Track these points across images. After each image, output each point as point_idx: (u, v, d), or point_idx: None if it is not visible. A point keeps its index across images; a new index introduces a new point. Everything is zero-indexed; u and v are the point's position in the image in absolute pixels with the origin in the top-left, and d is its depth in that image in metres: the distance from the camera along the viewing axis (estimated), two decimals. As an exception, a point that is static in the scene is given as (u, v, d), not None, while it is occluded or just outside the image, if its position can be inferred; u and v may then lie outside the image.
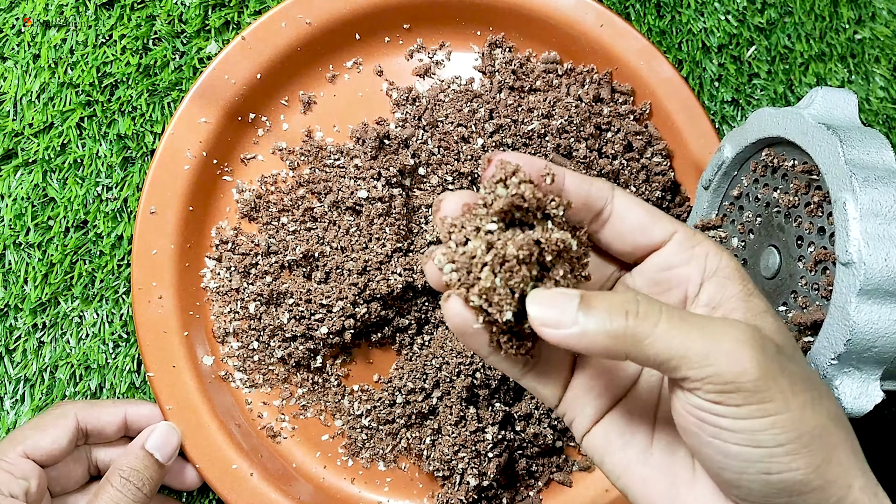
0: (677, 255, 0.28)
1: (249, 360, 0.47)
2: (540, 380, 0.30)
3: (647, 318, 0.24)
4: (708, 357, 0.24)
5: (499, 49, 0.50)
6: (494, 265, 0.25)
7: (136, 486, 0.39)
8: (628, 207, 0.28)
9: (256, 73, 0.47)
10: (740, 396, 0.24)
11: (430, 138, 0.48)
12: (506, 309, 0.26)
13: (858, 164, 0.35)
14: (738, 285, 0.28)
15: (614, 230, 0.29)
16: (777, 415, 0.24)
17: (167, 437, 0.42)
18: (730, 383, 0.24)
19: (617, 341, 0.24)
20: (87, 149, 0.47)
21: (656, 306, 0.25)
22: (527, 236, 0.26)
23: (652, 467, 0.28)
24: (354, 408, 0.48)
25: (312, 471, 0.48)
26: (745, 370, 0.24)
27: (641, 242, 0.29)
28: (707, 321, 0.25)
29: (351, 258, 0.47)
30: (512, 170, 0.26)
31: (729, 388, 0.24)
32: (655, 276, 0.29)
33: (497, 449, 0.47)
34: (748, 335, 0.25)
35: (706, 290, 0.28)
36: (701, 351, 0.24)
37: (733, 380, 0.24)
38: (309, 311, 0.46)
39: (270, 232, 0.48)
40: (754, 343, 0.24)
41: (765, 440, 0.24)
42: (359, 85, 0.50)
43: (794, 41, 0.55)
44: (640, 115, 0.51)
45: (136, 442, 0.41)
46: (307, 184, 0.48)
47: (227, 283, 0.47)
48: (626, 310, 0.25)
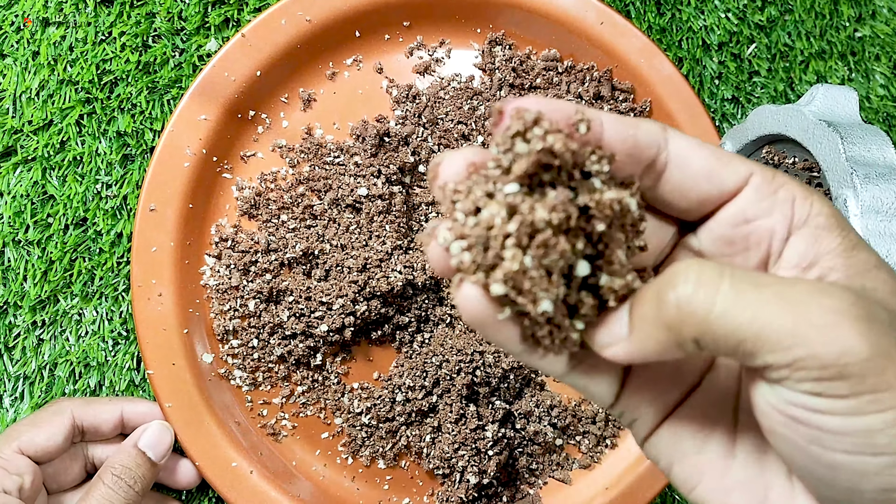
0: (756, 203, 0.22)
1: (249, 357, 0.47)
2: (590, 375, 0.23)
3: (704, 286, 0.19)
4: (795, 334, 0.18)
5: (499, 46, 0.50)
6: (521, 237, 0.19)
7: (127, 484, 0.38)
8: (689, 151, 0.22)
9: (256, 70, 0.47)
10: (846, 384, 0.18)
11: (430, 136, 0.48)
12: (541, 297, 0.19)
13: (859, 161, 0.35)
14: (836, 236, 0.21)
15: (673, 182, 0.22)
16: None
17: (160, 435, 0.42)
18: (829, 367, 0.18)
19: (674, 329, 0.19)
20: (87, 146, 0.47)
21: (716, 269, 0.19)
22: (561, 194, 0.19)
23: (736, 476, 0.22)
24: (354, 406, 0.48)
25: (312, 469, 0.48)
26: (848, 348, 0.18)
27: (709, 193, 0.22)
28: (790, 285, 0.19)
29: (351, 256, 0.47)
30: (533, 118, 0.19)
31: (829, 375, 0.18)
32: (729, 233, 0.22)
33: (497, 447, 0.47)
34: (849, 301, 0.18)
35: (794, 245, 0.22)
36: (784, 327, 0.18)
37: (833, 362, 0.18)
38: (308, 308, 0.46)
39: (270, 229, 0.48)
40: (858, 312, 0.18)
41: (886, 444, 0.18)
42: (359, 82, 0.50)
43: (794, 39, 0.55)
44: (641, 112, 0.51)
45: (129, 440, 0.41)
46: (307, 181, 0.48)
47: (227, 280, 0.47)
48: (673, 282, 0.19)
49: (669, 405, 0.24)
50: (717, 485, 0.22)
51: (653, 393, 0.24)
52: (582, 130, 0.20)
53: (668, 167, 0.22)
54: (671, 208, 0.23)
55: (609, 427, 0.50)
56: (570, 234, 0.19)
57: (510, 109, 0.20)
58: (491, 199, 0.19)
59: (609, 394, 0.24)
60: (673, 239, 0.24)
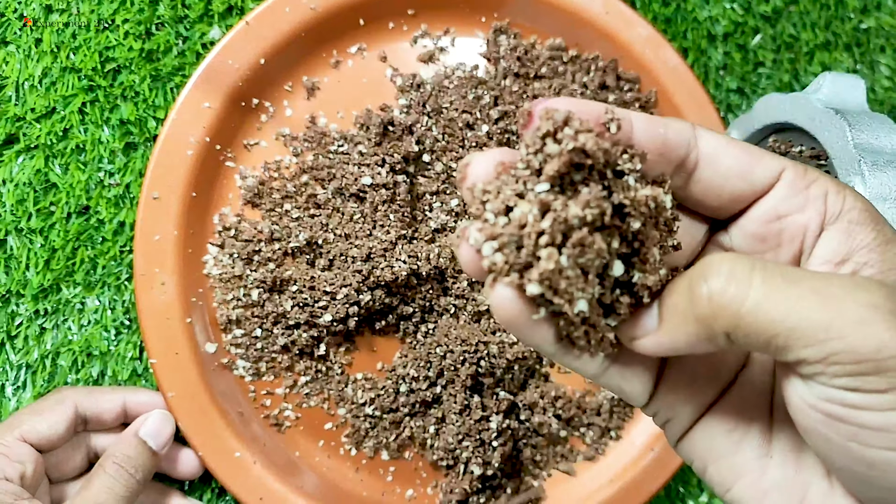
0: (788, 199, 0.22)
1: (252, 347, 0.47)
2: (624, 375, 0.23)
3: (736, 280, 0.19)
4: (830, 328, 0.18)
5: (504, 35, 0.50)
6: (555, 234, 0.18)
7: (128, 473, 0.38)
8: (719, 149, 0.22)
9: (260, 58, 0.47)
10: (884, 379, 0.17)
11: (435, 125, 0.48)
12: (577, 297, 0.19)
13: (867, 149, 0.35)
14: (870, 231, 0.21)
15: (704, 181, 0.22)
16: None
17: (161, 424, 0.41)
18: (866, 361, 0.18)
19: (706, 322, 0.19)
20: (90, 134, 0.47)
21: (748, 264, 0.19)
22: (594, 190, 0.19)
23: (772, 476, 0.22)
24: (358, 396, 0.47)
25: (315, 460, 0.47)
26: (886, 342, 0.17)
27: (741, 191, 0.22)
28: (824, 280, 0.19)
29: (355, 245, 0.46)
30: (563, 118, 0.19)
31: (866, 369, 0.18)
32: (761, 230, 0.22)
33: (502, 438, 0.46)
34: (883, 295, 0.18)
35: (826, 240, 0.22)
36: (819, 321, 0.18)
37: (871, 356, 0.17)
38: (312, 298, 0.46)
39: (273, 219, 0.47)
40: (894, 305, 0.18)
41: None
42: (363, 71, 0.49)
43: (799, 30, 0.55)
44: (646, 102, 0.50)
45: (129, 429, 0.41)
46: (311, 170, 0.48)
47: (230, 269, 0.47)
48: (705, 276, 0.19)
49: (704, 404, 0.23)
50: (753, 486, 0.22)
51: (687, 392, 0.23)
52: (613, 130, 0.20)
53: (699, 166, 0.22)
54: (702, 207, 0.23)
55: (614, 419, 0.49)
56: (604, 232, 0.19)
57: (539, 110, 0.20)
58: (522, 198, 0.19)
59: (643, 393, 0.23)
60: (704, 237, 0.24)
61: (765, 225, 0.22)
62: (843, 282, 0.18)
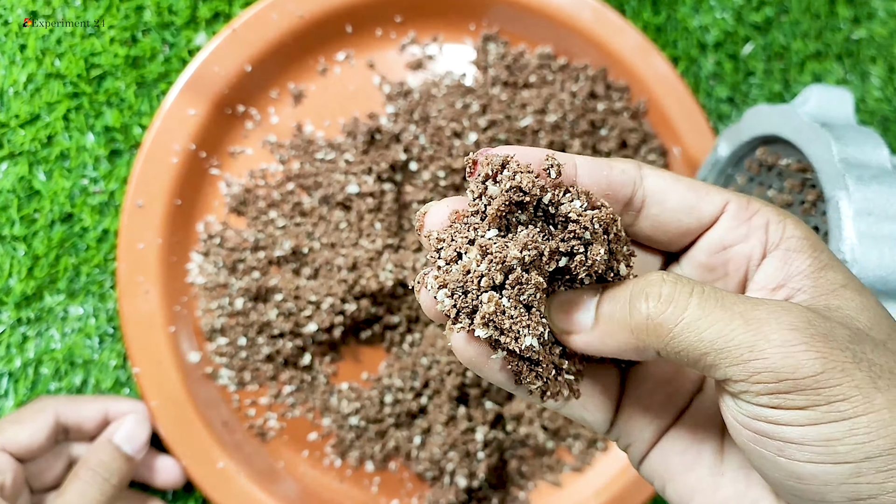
0: (732, 230, 0.23)
1: (236, 357, 0.47)
2: (585, 405, 0.24)
3: (674, 302, 0.20)
4: (753, 349, 0.19)
5: (493, 43, 0.50)
6: (494, 276, 0.20)
7: (103, 478, 0.38)
8: (665, 187, 0.23)
9: (246, 65, 0.46)
10: (802, 397, 0.19)
11: (423, 133, 0.48)
12: (524, 334, 0.20)
13: (852, 163, 0.35)
14: (806, 258, 0.22)
15: (652, 218, 0.23)
16: (856, 417, 0.19)
17: (135, 429, 0.41)
18: (785, 381, 0.19)
19: (639, 335, 0.20)
20: (74, 141, 0.46)
21: (687, 288, 0.20)
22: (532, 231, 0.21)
23: (725, 492, 0.23)
24: (343, 406, 0.47)
25: (300, 470, 0.47)
26: (801, 363, 0.19)
27: (688, 225, 0.23)
28: (752, 304, 0.20)
29: (341, 254, 0.46)
30: (501, 161, 0.21)
31: (786, 387, 0.19)
32: (708, 260, 0.24)
33: (488, 449, 0.46)
34: (804, 319, 0.20)
35: (765, 267, 0.23)
36: (743, 342, 0.19)
37: (789, 375, 0.19)
38: (297, 307, 0.45)
39: (259, 227, 0.47)
40: (814, 330, 0.19)
41: (846, 453, 0.19)
42: (350, 78, 0.49)
43: (790, 40, 0.54)
44: (636, 111, 0.50)
45: (103, 435, 0.41)
46: (296, 178, 0.47)
47: (215, 278, 0.46)
48: (646, 293, 0.20)
49: (661, 428, 0.25)
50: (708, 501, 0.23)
51: (645, 418, 0.25)
52: (552, 175, 0.21)
53: (647, 204, 0.23)
54: (653, 241, 0.24)
55: (600, 429, 0.49)
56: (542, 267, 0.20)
57: (480, 157, 0.21)
58: (472, 245, 0.20)
59: (605, 421, 0.25)
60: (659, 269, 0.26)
61: (712, 256, 0.23)
62: (770, 306, 0.20)
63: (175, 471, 0.44)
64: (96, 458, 0.39)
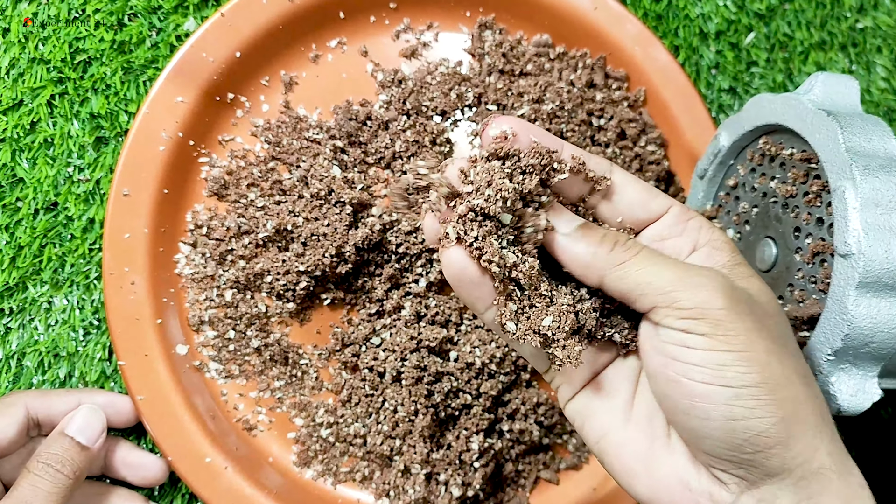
0: (672, 226, 0.29)
1: (225, 349, 0.46)
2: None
3: (629, 249, 0.27)
4: (675, 284, 0.26)
5: (489, 31, 0.49)
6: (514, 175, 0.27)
7: (55, 469, 0.37)
8: (626, 184, 0.29)
9: (236, 51, 0.45)
10: (706, 324, 0.25)
11: (410, 129, 0.46)
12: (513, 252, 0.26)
13: (859, 152, 0.33)
14: (726, 255, 0.29)
15: (614, 205, 0.30)
16: (743, 351, 0.25)
17: (89, 419, 0.40)
18: (695, 308, 0.25)
19: (597, 261, 0.27)
20: (59, 128, 0.45)
21: (638, 245, 0.27)
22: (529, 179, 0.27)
23: (629, 432, 0.29)
24: (318, 415, 0.46)
25: (290, 466, 0.46)
26: (711, 298, 0.25)
27: (640, 217, 0.30)
28: (682, 263, 0.27)
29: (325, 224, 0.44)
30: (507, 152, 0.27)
31: (695, 315, 0.25)
32: (651, 245, 0.30)
33: (483, 458, 0.45)
34: (717, 274, 0.26)
35: (694, 258, 0.29)
36: (670, 279, 0.26)
37: (699, 305, 0.25)
38: (290, 282, 0.44)
39: (239, 210, 0.46)
40: (724, 283, 0.26)
41: (731, 378, 0.25)
42: (343, 65, 0.48)
43: (794, 29, 0.53)
44: (635, 101, 0.49)
45: (57, 428, 0.40)
46: (280, 154, 0.46)
47: (203, 269, 0.45)
48: (615, 240, 0.27)
49: (587, 377, 0.31)
50: (614, 437, 0.29)
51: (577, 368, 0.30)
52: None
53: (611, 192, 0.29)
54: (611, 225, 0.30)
55: (597, 426, 0.48)
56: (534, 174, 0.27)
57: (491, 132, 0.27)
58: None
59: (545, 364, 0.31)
60: None
61: (652, 242, 0.30)
62: (697, 266, 0.27)
63: (155, 467, 0.43)
64: (47, 451, 0.38)
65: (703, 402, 0.25)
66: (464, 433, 0.45)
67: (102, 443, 0.41)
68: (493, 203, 0.26)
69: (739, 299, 0.26)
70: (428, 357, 0.44)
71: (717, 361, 0.25)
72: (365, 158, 0.46)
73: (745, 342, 0.25)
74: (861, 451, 0.51)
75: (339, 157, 0.46)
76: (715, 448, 0.26)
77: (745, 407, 0.25)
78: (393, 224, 0.45)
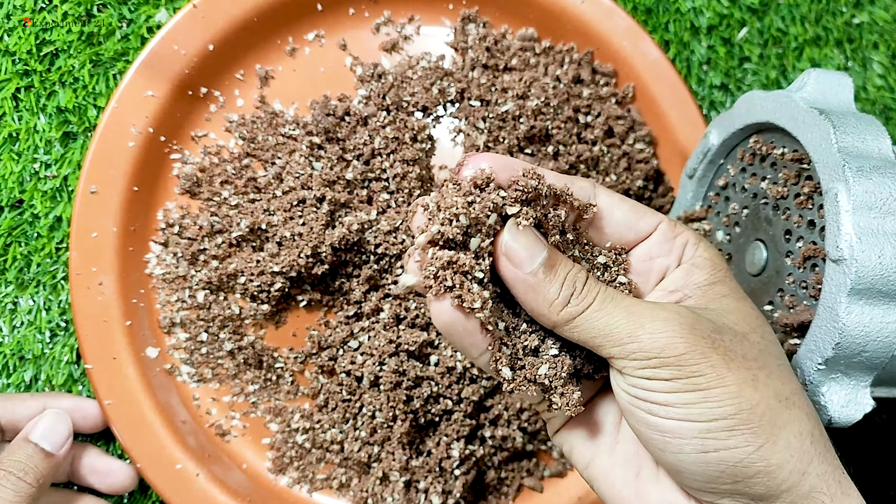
0: (659, 245, 0.29)
1: (197, 352, 0.44)
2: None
3: (583, 301, 0.26)
4: (631, 335, 0.25)
5: (472, 24, 0.47)
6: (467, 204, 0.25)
7: (17, 477, 0.36)
8: (612, 205, 0.29)
9: (209, 43, 0.44)
10: (667, 371, 0.25)
11: (390, 125, 0.45)
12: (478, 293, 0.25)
13: (852, 153, 0.32)
14: (704, 273, 0.28)
15: (600, 228, 0.29)
16: (709, 389, 0.24)
17: (54, 424, 0.39)
18: (654, 358, 0.25)
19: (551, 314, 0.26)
20: (24, 122, 0.44)
21: (594, 290, 0.26)
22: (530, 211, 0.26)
23: (617, 459, 0.29)
24: (294, 421, 0.44)
25: (265, 473, 0.45)
26: (667, 345, 0.25)
27: (627, 238, 0.29)
28: (637, 305, 0.26)
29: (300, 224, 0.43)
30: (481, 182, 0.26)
31: (654, 364, 0.25)
32: (638, 266, 0.29)
33: (464, 466, 0.43)
34: (675, 315, 0.25)
35: (673, 275, 0.29)
36: (625, 330, 0.25)
37: (657, 355, 0.25)
38: (264, 284, 0.43)
39: (212, 208, 0.44)
40: (682, 321, 0.25)
41: (698, 414, 0.24)
42: (321, 59, 0.46)
43: (788, 24, 0.52)
44: (623, 98, 0.48)
45: (20, 434, 0.39)
46: (255, 150, 0.45)
47: (174, 269, 0.44)
48: (572, 290, 0.26)
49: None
50: (603, 464, 0.29)
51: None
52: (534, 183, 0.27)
53: (596, 216, 0.29)
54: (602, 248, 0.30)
55: (582, 432, 0.47)
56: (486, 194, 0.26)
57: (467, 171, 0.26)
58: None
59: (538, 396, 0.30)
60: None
61: (640, 263, 0.29)
62: (653, 305, 0.26)
63: (124, 474, 0.42)
64: (10, 457, 0.37)
65: (674, 437, 0.25)
66: (444, 439, 0.44)
67: (68, 449, 0.40)
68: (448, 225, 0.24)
69: (703, 335, 0.25)
70: (407, 361, 0.43)
71: (683, 401, 0.25)
72: (343, 155, 0.45)
73: (712, 378, 0.24)
74: (855, 457, 0.50)
75: (317, 153, 0.44)
76: (694, 481, 0.26)
77: (717, 439, 0.24)
78: (371, 224, 0.44)
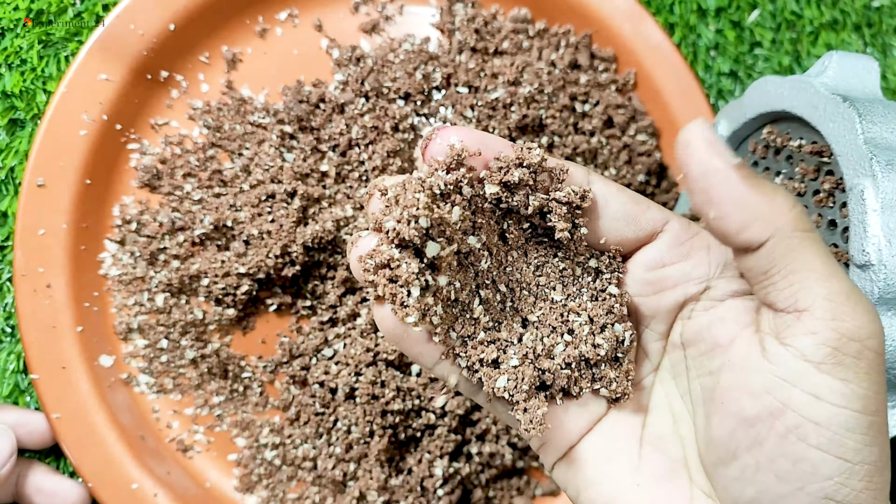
0: (672, 248, 0.24)
1: (157, 360, 0.41)
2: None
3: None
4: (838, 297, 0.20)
5: (460, 4, 0.44)
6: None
7: None
8: (609, 195, 0.24)
9: (169, 23, 0.41)
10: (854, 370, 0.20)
11: (369, 112, 0.41)
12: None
13: (880, 145, 0.29)
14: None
15: (594, 222, 0.24)
16: (873, 416, 0.20)
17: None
18: (853, 342, 0.19)
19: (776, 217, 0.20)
20: (-33, 108, 0.40)
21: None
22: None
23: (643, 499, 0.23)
24: (263, 435, 0.41)
25: (230, 491, 0.41)
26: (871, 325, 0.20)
27: (627, 235, 0.24)
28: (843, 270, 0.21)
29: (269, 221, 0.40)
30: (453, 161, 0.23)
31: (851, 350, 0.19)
32: (645, 275, 0.24)
33: (448, 485, 0.40)
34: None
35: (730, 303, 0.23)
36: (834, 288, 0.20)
37: (857, 336, 0.19)
38: (229, 286, 0.39)
39: (174, 203, 0.41)
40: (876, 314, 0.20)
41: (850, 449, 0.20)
42: (294, 41, 0.43)
43: (802, 6, 0.49)
44: (624, 85, 0.45)
45: None
46: (221, 140, 0.41)
47: (131, 270, 0.40)
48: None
49: (579, 433, 0.25)
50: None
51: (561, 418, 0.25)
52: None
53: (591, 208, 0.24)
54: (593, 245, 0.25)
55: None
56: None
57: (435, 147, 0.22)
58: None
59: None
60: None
61: (649, 271, 0.24)
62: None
63: (74, 494, 0.39)
64: None
65: (807, 468, 0.20)
66: (426, 457, 0.40)
67: (12, 467, 0.37)
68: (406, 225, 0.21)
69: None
70: (386, 371, 0.40)
71: (846, 425, 0.19)
72: (317, 146, 0.41)
73: (877, 403, 0.20)
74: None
75: (288, 144, 0.41)
76: None
77: (851, 489, 0.20)
78: (348, 221, 0.41)
